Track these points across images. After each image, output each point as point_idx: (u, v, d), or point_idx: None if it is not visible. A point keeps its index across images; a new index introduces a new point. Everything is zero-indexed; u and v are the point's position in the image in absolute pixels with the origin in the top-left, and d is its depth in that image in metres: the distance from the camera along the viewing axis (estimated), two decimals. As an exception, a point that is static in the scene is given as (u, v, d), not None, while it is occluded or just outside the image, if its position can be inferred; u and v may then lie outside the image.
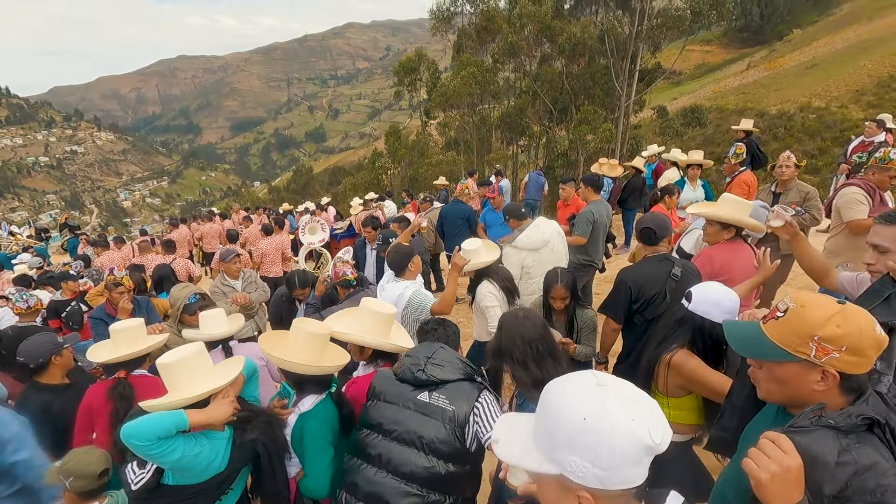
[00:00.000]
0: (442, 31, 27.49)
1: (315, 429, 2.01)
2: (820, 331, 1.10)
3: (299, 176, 65.25)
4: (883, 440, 1.07)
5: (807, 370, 1.13)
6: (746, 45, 73.70)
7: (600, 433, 0.79)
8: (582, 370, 0.92)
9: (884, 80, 28.97)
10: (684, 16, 21.55)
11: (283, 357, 2.00)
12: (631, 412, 0.80)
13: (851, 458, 1.04)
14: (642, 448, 0.79)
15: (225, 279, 4.31)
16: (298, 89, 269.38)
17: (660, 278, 2.50)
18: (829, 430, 1.08)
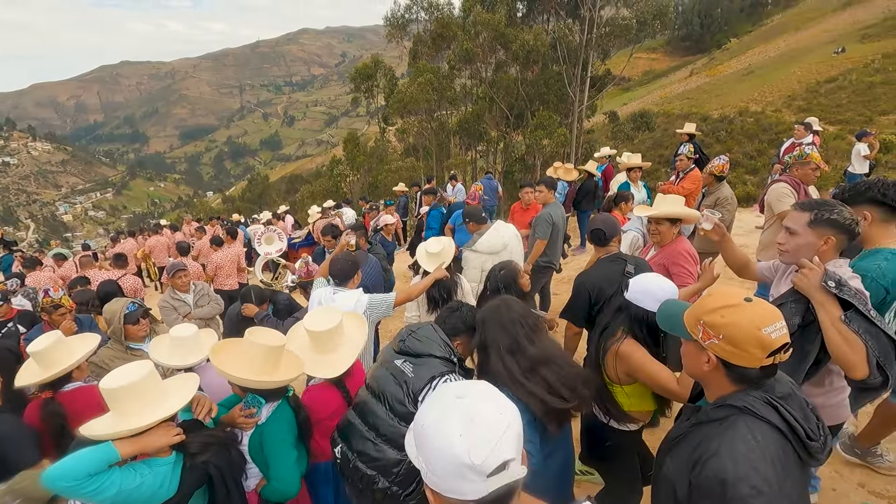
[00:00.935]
0: (397, 37, 27.52)
1: (275, 432, 1.98)
2: (706, 316, 1.22)
3: (255, 185, 63.37)
4: (763, 419, 1.14)
5: (698, 350, 1.26)
6: (689, 53, 77.68)
7: (432, 441, 0.86)
8: (475, 381, 0.99)
9: (812, 85, 31.17)
10: (630, 25, 22.53)
11: (238, 374, 1.95)
12: (465, 429, 0.84)
13: (704, 447, 1.16)
14: (461, 464, 0.82)
15: (175, 293, 4.12)
16: (252, 96, 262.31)
17: (615, 278, 2.58)
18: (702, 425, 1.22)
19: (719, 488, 1.08)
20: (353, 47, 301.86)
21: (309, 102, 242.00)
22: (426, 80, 23.11)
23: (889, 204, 1.98)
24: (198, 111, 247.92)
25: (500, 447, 0.84)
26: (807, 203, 1.88)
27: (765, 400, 1.17)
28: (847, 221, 1.81)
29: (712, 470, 1.11)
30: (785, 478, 1.10)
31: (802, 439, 1.15)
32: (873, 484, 2.54)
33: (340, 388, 2.23)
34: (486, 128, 25.53)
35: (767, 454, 1.10)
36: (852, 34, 38.93)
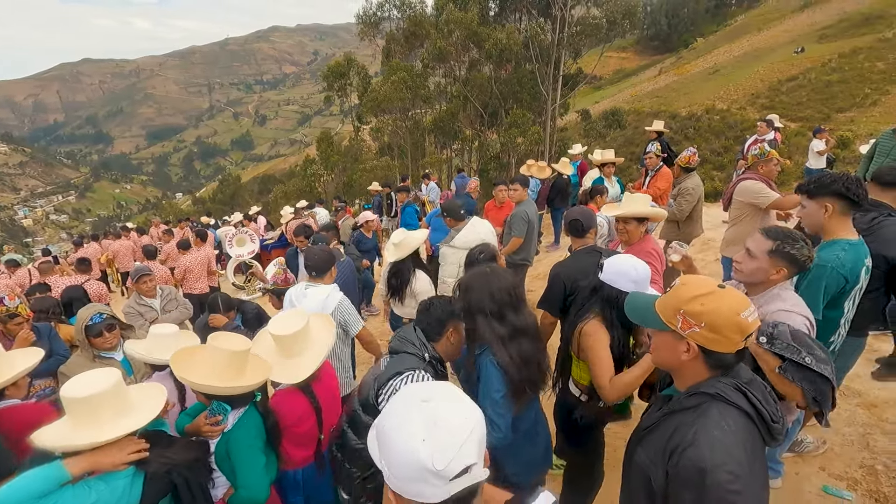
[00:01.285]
0: (370, 35, 27.27)
1: (242, 438, 1.92)
2: (685, 305, 1.22)
3: (226, 185, 61.81)
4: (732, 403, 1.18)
5: (676, 340, 1.26)
6: (657, 53, 79.44)
7: (394, 444, 0.85)
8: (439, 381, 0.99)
9: (774, 84, 32.29)
10: (601, 24, 22.88)
11: (200, 381, 1.89)
12: (428, 434, 0.83)
13: (680, 435, 1.18)
14: (423, 469, 0.81)
15: (140, 298, 3.98)
16: (221, 95, 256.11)
17: (590, 269, 2.61)
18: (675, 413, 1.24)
19: (698, 476, 1.11)
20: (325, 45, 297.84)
21: (281, 101, 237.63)
22: (400, 79, 22.99)
23: (851, 198, 2.05)
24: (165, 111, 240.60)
25: (463, 452, 0.84)
26: (774, 231, 1.91)
27: (734, 386, 1.22)
28: (804, 259, 1.85)
29: (690, 459, 1.13)
30: (754, 460, 1.15)
31: (767, 422, 1.20)
32: (832, 467, 2.65)
33: (307, 393, 2.18)
34: (460, 126, 25.56)
35: (739, 439, 1.15)
36: (811, 35, 40.49)
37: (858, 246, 2.09)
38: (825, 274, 2.02)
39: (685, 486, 1.14)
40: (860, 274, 2.06)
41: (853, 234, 2.12)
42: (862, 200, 2.07)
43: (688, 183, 4.78)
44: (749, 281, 1.95)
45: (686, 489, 1.14)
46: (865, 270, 2.10)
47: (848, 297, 2.08)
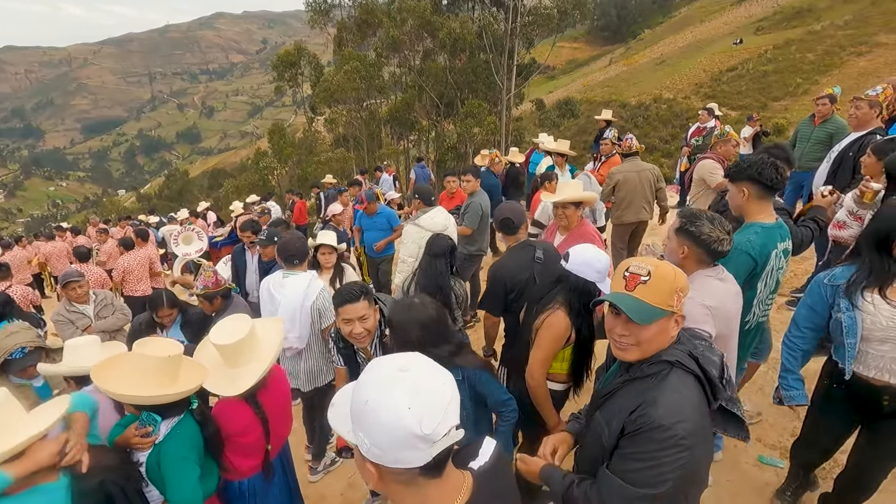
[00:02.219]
0: (321, 24, 26.53)
1: (173, 449, 1.82)
2: (677, 282, 1.30)
3: (173, 181, 58.93)
4: (689, 370, 1.29)
5: (668, 321, 1.30)
6: (608, 43, 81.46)
7: (376, 416, 0.85)
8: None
9: (716, 74, 33.80)
10: (552, 14, 23.16)
11: (124, 391, 1.76)
12: (412, 401, 0.85)
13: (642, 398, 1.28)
14: (411, 435, 0.84)
15: (71, 305, 3.70)
16: (164, 85, 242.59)
17: (526, 264, 2.63)
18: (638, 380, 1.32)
19: (657, 432, 1.20)
20: (274, 33, 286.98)
21: (229, 92, 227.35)
22: (353, 69, 22.49)
23: (764, 183, 2.14)
24: (101, 102, 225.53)
25: (448, 415, 0.87)
26: (685, 211, 1.98)
27: (688, 353, 1.31)
28: (703, 237, 1.85)
29: (649, 417, 1.22)
30: (704, 422, 1.27)
31: (715, 386, 1.31)
32: (767, 438, 2.81)
33: (252, 403, 2.07)
34: (416, 117, 25.35)
35: (694, 402, 1.25)
36: (748, 27, 42.58)
37: (772, 229, 2.18)
38: (735, 255, 2.10)
39: (640, 441, 1.23)
40: (770, 256, 2.15)
41: (770, 218, 2.21)
42: (776, 185, 2.15)
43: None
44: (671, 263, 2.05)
45: (640, 444, 1.23)
46: (780, 253, 2.19)
47: (759, 278, 2.17)
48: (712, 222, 1.88)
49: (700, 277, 1.91)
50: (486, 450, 1.12)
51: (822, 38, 30.96)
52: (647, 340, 1.31)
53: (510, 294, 2.67)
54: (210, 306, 3.11)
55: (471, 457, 1.10)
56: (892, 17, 29.56)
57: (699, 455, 1.24)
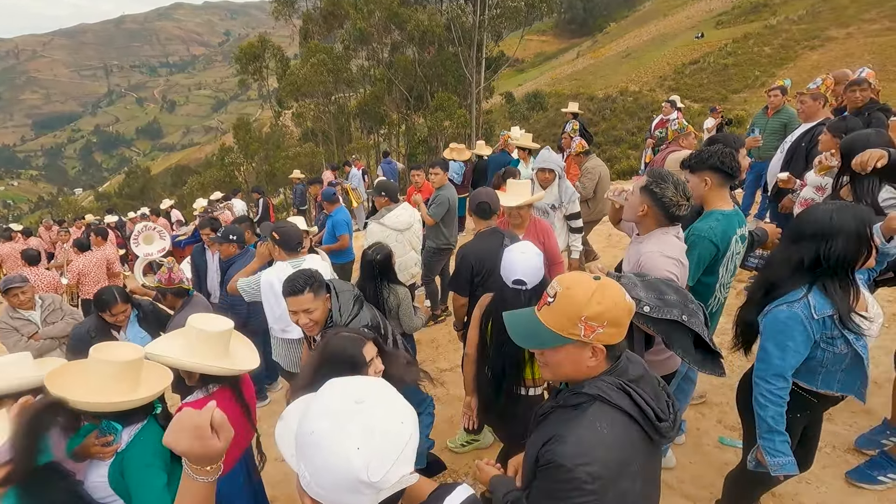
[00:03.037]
0: (286, 15, 25.88)
1: (136, 456, 1.74)
2: (585, 310, 1.12)
3: (134, 178, 56.54)
4: (614, 405, 1.15)
5: (579, 349, 1.17)
6: (575, 36, 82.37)
7: (320, 451, 0.76)
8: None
9: (679, 67, 34.67)
10: (519, 7, 23.22)
11: (86, 399, 1.67)
12: (363, 441, 0.76)
13: (554, 430, 1.18)
14: (355, 480, 0.74)
15: (15, 311, 3.47)
16: (121, 79, 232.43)
17: (495, 250, 2.63)
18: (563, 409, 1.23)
19: (557, 471, 1.11)
20: (237, 25, 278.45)
21: (191, 85, 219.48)
22: (320, 61, 22.04)
23: (725, 171, 2.20)
24: (54, 97, 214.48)
25: (400, 462, 0.77)
26: (655, 170, 2.04)
27: (618, 385, 1.17)
28: (664, 199, 1.94)
29: (554, 454, 1.12)
30: (630, 461, 1.14)
31: (652, 421, 1.16)
32: (728, 419, 2.91)
33: (236, 392, 2.04)
34: (386, 110, 25.08)
35: (610, 441, 1.12)
36: (709, 21, 43.77)
37: (731, 216, 2.25)
38: (699, 243, 2.18)
39: (545, 477, 1.15)
40: (731, 242, 2.22)
41: (728, 205, 2.29)
42: (735, 172, 2.23)
43: (588, 164, 5.06)
44: (626, 218, 2.12)
45: (545, 480, 1.15)
46: (738, 239, 2.26)
47: (721, 263, 2.25)
48: (676, 187, 1.97)
49: (658, 234, 2.04)
50: (454, 498, 0.99)
51: (778, 33, 32.13)
52: (554, 364, 1.23)
53: (476, 277, 2.73)
54: (163, 302, 3.00)
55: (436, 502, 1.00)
56: (842, 13, 30.92)
57: (613, 498, 1.11)
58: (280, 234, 3.06)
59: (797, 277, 1.71)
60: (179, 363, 1.94)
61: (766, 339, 1.73)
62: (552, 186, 4.08)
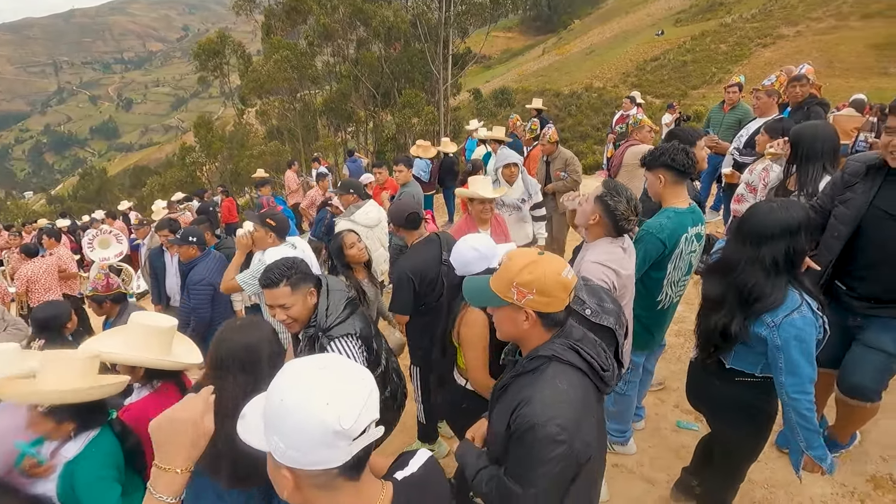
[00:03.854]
0: (246, 10, 25.18)
1: (87, 468, 1.68)
2: (517, 277, 1.29)
3: (89, 180, 53.99)
4: (567, 362, 1.30)
5: (515, 312, 1.33)
6: (540, 33, 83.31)
7: (293, 415, 0.83)
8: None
9: (640, 63, 35.55)
10: (485, 3, 23.30)
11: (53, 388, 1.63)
12: (331, 397, 0.83)
13: (520, 396, 1.30)
14: (330, 432, 0.82)
15: (-46, 323, 3.31)
16: (72, 76, 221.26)
17: (433, 263, 2.64)
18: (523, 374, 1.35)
19: (531, 432, 1.21)
20: (196, 20, 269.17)
21: (148, 83, 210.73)
22: (283, 58, 21.55)
23: (678, 168, 2.27)
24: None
25: (367, 409, 0.86)
26: (611, 182, 2.09)
27: (567, 345, 1.32)
28: (616, 211, 2.00)
29: (524, 416, 1.23)
30: (585, 413, 1.27)
31: (598, 372, 1.34)
32: (685, 403, 3.00)
33: (181, 387, 2.02)
34: (353, 107, 24.76)
35: (570, 396, 1.26)
36: (668, 19, 45.01)
37: (683, 214, 2.30)
38: (646, 238, 2.25)
39: (519, 441, 1.25)
40: (680, 240, 2.28)
41: (683, 203, 2.34)
42: (688, 169, 2.29)
43: (566, 154, 5.07)
44: (577, 223, 2.17)
45: (521, 442, 1.25)
46: (691, 238, 2.32)
47: (669, 260, 2.31)
48: (629, 202, 2.02)
49: (604, 244, 2.10)
50: (416, 461, 1.10)
51: (733, 30, 33.33)
52: (497, 322, 1.40)
53: (419, 292, 2.62)
54: (100, 310, 2.88)
55: (398, 467, 1.08)
56: (791, 12, 32.31)
57: (579, 446, 1.23)
58: (276, 221, 3.09)
59: (775, 278, 1.69)
60: (134, 359, 1.91)
61: (792, 351, 1.66)
62: (518, 181, 4.19)
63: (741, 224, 1.82)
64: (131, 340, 1.95)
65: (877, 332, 2.10)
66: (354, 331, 2.04)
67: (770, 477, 2.39)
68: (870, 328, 2.13)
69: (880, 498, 2.21)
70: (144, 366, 1.96)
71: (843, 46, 25.49)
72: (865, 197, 2.01)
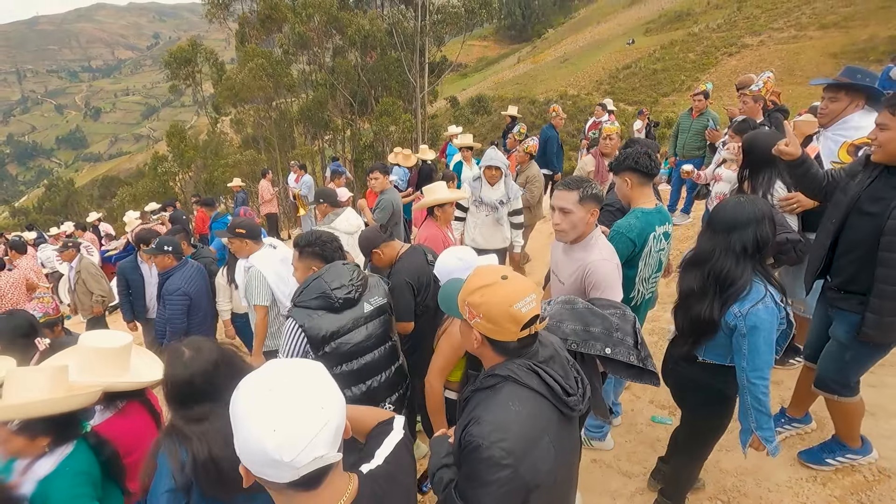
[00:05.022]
0: (220, 18, 24.93)
1: (62, 487, 1.62)
2: (469, 297, 1.27)
3: (55, 191, 52.20)
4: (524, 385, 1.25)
5: (468, 328, 1.30)
6: (515, 42, 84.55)
7: (241, 432, 0.84)
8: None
9: (613, 71, 36.44)
10: (460, 13, 23.61)
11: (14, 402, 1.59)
12: (278, 424, 0.81)
13: (473, 413, 1.27)
14: (270, 459, 0.81)
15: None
16: (36, 84, 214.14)
17: (425, 267, 2.69)
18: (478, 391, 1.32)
19: (475, 452, 1.18)
20: (167, 27, 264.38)
21: (118, 91, 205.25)
22: (258, 66, 21.37)
23: (641, 170, 2.38)
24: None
25: (314, 444, 0.82)
26: (569, 183, 2.14)
27: (527, 367, 1.27)
28: (601, 194, 2.16)
29: (472, 435, 1.20)
30: (541, 434, 1.23)
31: (560, 396, 1.27)
32: (659, 399, 3.13)
33: (146, 404, 1.96)
34: (330, 115, 24.69)
35: (522, 417, 1.21)
36: (638, 28, 46.28)
37: (651, 214, 2.41)
38: (617, 238, 2.35)
39: (465, 459, 1.22)
40: (648, 238, 2.38)
41: (650, 203, 2.45)
42: (651, 170, 2.41)
43: (532, 170, 5.24)
44: (574, 234, 2.16)
45: (465, 462, 1.22)
46: (659, 236, 2.42)
47: (640, 257, 2.41)
48: (589, 181, 2.15)
49: (598, 235, 2.19)
50: (382, 451, 1.09)
51: (700, 40, 34.50)
52: (460, 331, 1.40)
53: (416, 296, 2.65)
54: (52, 335, 2.77)
55: (364, 459, 1.07)
56: (755, 22, 33.63)
57: (525, 472, 1.19)
58: (244, 227, 3.18)
59: (743, 264, 1.82)
60: (89, 384, 1.81)
61: (755, 338, 1.78)
62: (499, 183, 4.25)
63: (712, 217, 1.97)
64: (85, 363, 1.86)
65: (836, 323, 2.22)
66: (303, 322, 2.03)
67: (739, 465, 2.49)
68: (836, 318, 2.23)
69: (840, 480, 2.33)
70: (102, 390, 1.85)
71: (803, 55, 26.66)
72: (859, 188, 2.08)
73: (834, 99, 2.66)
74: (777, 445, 1.87)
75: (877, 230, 1.97)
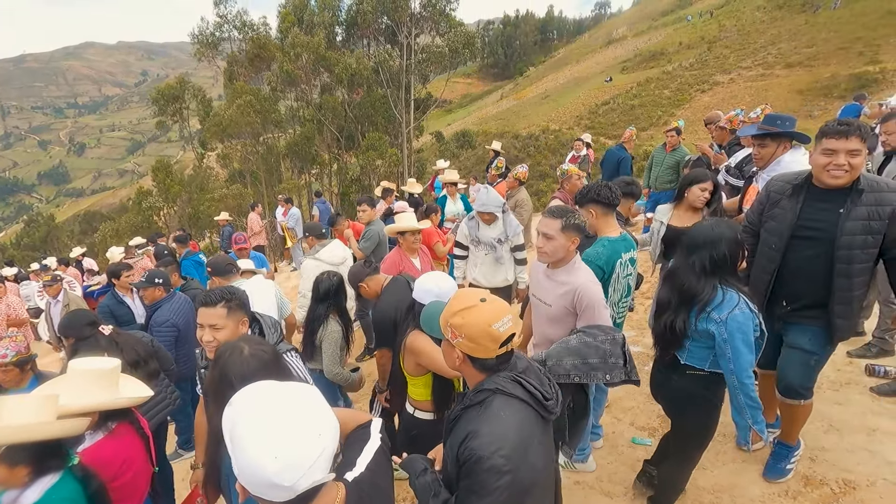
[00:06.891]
0: (209, 56, 25.52)
1: None
2: (451, 319, 1.38)
3: (35, 227, 51.34)
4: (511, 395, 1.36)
5: (451, 348, 1.41)
6: (498, 79, 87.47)
7: (242, 453, 0.89)
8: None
9: (593, 107, 37.77)
10: (444, 52, 24.50)
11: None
12: (279, 451, 0.86)
13: (468, 428, 1.33)
14: (270, 483, 0.86)
15: None
16: (20, 120, 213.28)
17: (406, 292, 2.79)
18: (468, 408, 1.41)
19: (477, 465, 1.27)
20: (155, 65, 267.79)
21: (103, 127, 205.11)
22: (246, 102, 21.77)
23: (603, 202, 2.57)
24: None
25: (313, 471, 0.88)
26: (554, 211, 2.30)
27: (511, 378, 1.38)
28: (584, 224, 2.33)
29: (471, 449, 1.29)
30: (530, 442, 1.34)
31: (541, 401, 1.39)
32: (639, 421, 3.22)
33: (135, 424, 1.99)
34: (317, 150, 25.06)
35: (515, 425, 1.32)
36: (615, 66, 48.34)
37: (616, 242, 2.58)
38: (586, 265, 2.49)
39: (467, 472, 1.30)
40: (615, 265, 2.54)
41: (615, 232, 2.63)
42: (612, 201, 2.59)
43: (521, 195, 5.45)
44: (554, 258, 2.31)
45: (467, 475, 1.30)
46: (625, 262, 2.57)
47: (609, 283, 2.55)
48: (575, 212, 2.31)
49: (578, 261, 2.33)
50: (363, 458, 1.17)
51: (674, 77, 36.10)
52: (443, 351, 1.48)
53: (397, 322, 2.69)
54: (21, 375, 2.72)
55: (347, 467, 1.14)
56: (724, 61, 35.39)
57: (525, 473, 1.30)
58: (212, 266, 3.34)
59: (704, 280, 2.03)
60: (90, 404, 1.85)
61: (735, 341, 1.95)
62: (498, 222, 4.09)
63: (681, 240, 2.22)
64: (78, 387, 1.88)
65: (795, 335, 2.38)
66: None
67: (715, 483, 2.57)
68: (791, 331, 2.40)
69: (809, 493, 2.43)
70: (102, 409, 1.90)
71: (771, 92, 28.03)
72: (793, 213, 2.26)
73: (762, 145, 2.98)
74: (768, 437, 2.01)
75: (821, 250, 2.17)
